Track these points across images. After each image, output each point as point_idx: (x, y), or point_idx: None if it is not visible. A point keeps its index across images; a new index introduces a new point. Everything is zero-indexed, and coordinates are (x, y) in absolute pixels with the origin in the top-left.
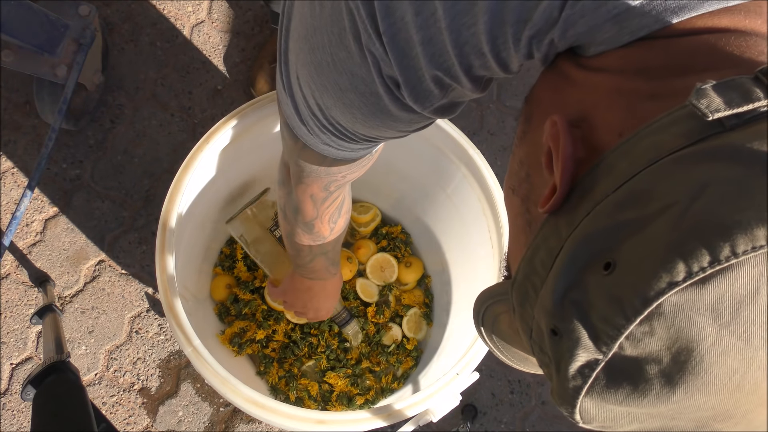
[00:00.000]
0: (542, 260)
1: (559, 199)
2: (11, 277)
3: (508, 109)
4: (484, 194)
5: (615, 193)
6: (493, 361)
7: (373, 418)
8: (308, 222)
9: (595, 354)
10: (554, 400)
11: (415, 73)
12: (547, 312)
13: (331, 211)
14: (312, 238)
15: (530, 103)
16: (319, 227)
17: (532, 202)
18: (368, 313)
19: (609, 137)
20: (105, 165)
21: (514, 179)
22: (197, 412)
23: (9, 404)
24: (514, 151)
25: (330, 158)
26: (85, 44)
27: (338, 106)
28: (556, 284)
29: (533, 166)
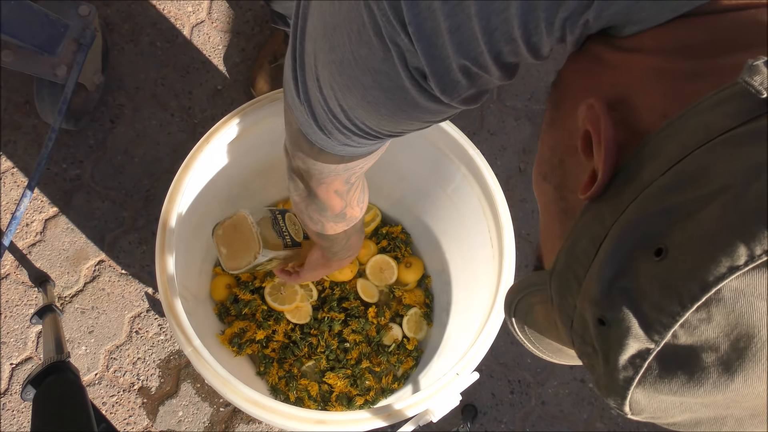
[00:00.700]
0: (585, 248)
1: (602, 184)
2: (11, 277)
3: (508, 109)
4: (484, 194)
5: (663, 176)
6: (493, 361)
7: (373, 418)
8: (338, 213)
9: (647, 343)
10: (600, 392)
11: (442, 63)
12: (594, 301)
13: (357, 196)
14: (346, 223)
15: (559, 89)
16: (350, 213)
17: (568, 189)
18: (369, 314)
19: (652, 119)
20: (105, 165)
21: (546, 166)
22: (197, 412)
23: (9, 404)
24: (543, 137)
25: (346, 156)
26: (85, 44)
27: (362, 105)
28: (602, 272)
29: (566, 152)
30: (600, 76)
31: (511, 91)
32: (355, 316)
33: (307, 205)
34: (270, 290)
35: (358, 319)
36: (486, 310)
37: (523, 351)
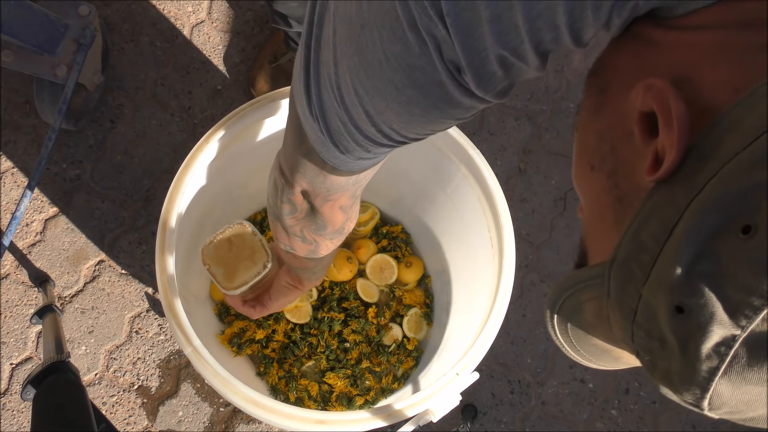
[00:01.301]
0: (653, 234)
1: (674, 163)
2: (11, 277)
3: (508, 109)
4: (484, 194)
5: (746, 150)
6: (493, 361)
7: (373, 418)
8: (338, 228)
9: (732, 329)
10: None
11: (479, 54)
12: (669, 288)
13: (356, 209)
14: (341, 238)
15: (603, 75)
16: (348, 226)
17: (622, 176)
18: (369, 314)
19: (721, 95)
20: (105, 165)
21: (594, 155)
22: (197, 412)
23: (9, 404)
24: (585, 127)
25: (360, 169)
26: (85, 44)
27: (393, 107)
28: (678, 257)
29: (619, 137)
30: (653, 57)
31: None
32: (355, 316)
33: (303, 227)
34: None
35: (358, 319)
36: (486, 310)
37: (523, 351)
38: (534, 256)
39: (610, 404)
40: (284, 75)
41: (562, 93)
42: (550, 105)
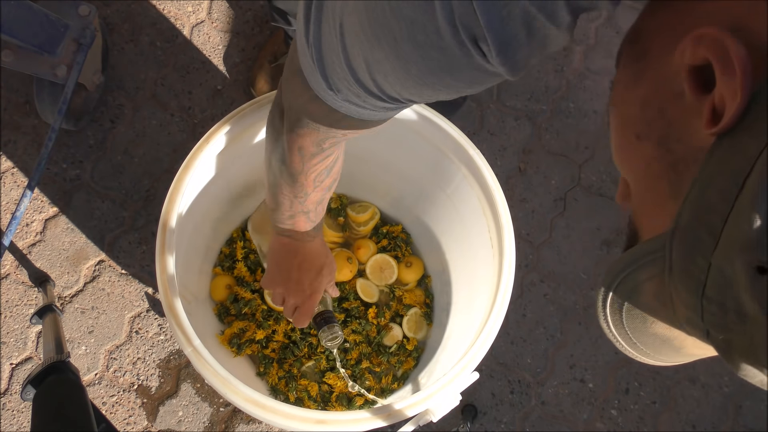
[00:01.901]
0: (721, 191)
1: (739, 111)
2: (11, 277)
3: (508, 109)
4: (484, 194)
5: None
6: (493, 361)
7: (373, 418)
8: (293, 174)
9: None
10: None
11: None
12: (746, 248)
13: (319, 170)
14: (294, 191)
15: (641, 40)
16: (303, 182)
17: (674, 140)
18: (369, 314)
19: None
20: (105, 165)
21: (639, 124)
22: (197, 412)
23: (9, 404)
24: (624, 98)
25: (340, 114)
26: (85, 44)
27: (391, 59)
28: (756, 209)
29: (666, 100)
30: (697, 12)
31: (511, 91)
32: (355, 316)
33: (272, 149)
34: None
35: (359, 319)
36: (486, 310)
37: (523, 351)
38: (534, 256)
39: (610, 404)
40: None
41: (562, 93)
42: (550, 105)
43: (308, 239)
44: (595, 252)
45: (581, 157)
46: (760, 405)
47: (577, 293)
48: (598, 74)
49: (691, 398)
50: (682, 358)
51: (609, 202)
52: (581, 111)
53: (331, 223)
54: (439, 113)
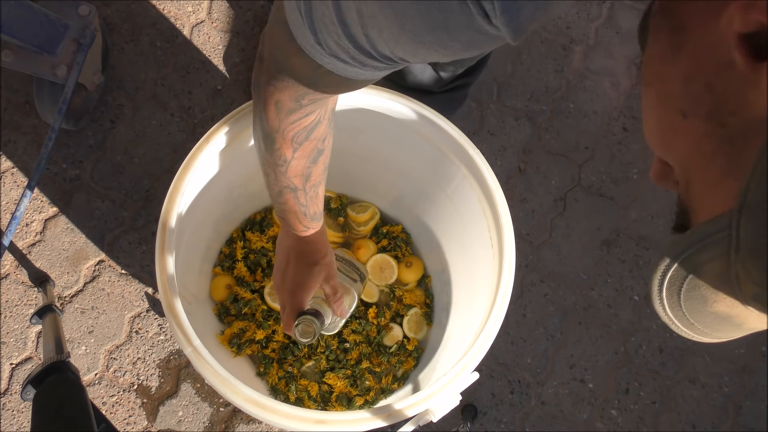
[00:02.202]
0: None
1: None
2: (11, 277)
3: (508, 109)
4: (484, 194)
5: None
6: (493, 361)
7: (373, 418)
8: (270, 134)
9: None
10: None
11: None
12: None
13: (296, 129)
14: (273, 157)
15: (674, 12)
16: (280, 143)
17: (728, 113)
18: (369, 314)
19: None
20: (105, 165)
21: (685, 101)
22: (197, 412)
23: (9, 404)
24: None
25: (325, 69)
26: (85, 44)
27: (386, 13)
28: None
29: (713, 73)
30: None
31: (511, 91)
32: (355, 316)
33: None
34: (270, 290)
35: (359, 319)
36: (486, 310)
37: (523, 351)
38: (534, 256)
39: (610, 404)
40: None
41: (562, 93)
42: (550, 105)
43: (302, 229)
44: (595, 252)
45: (581, 157)
46: (760, 405)
47: (577, 293)
48: (598, 74)
49: (691, 398)
50: (742, 332)
51: (609, 202)
52: (581, 111)
53: (331, 223)
54: (439, 113)
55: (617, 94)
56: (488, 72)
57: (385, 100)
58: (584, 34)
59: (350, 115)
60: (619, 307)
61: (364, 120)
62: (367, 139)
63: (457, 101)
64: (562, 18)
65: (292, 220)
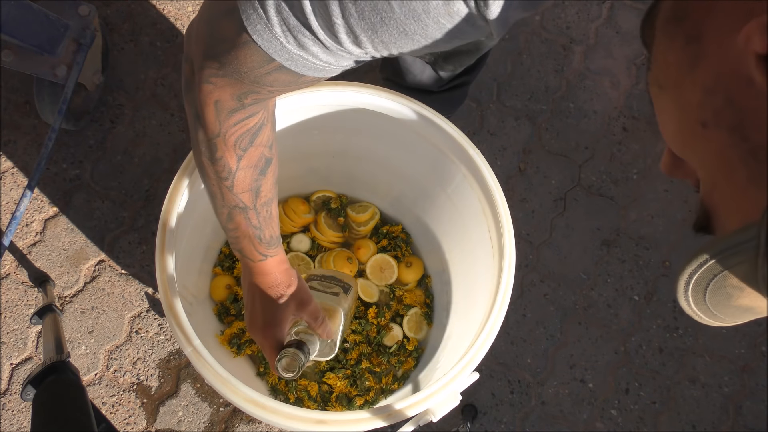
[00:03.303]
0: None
1: None
2: (11, 277)
3: (508, 109)
4: (484, 194)
5: None
6: (493, 361)
7: (373, 418)
8: (210, 139)
9: None
10: None
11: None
12: None
13: (239, 133)
14: (215, 168)
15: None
16: (222, 150)
17: (751, 129)
18: (369, 314)
19: None
20: (105, 165)
21: (704, 111)
22: (197, 412)
23: (9, 404)
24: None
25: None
26: (85, 44)
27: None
28: None
29: (734, 88)
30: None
31: (511, 91)
32: (355, 316)
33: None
34: None
35: (359, 319)
36: (486, 310)
37: (523, 351)
38: (534, 256)
39: (610, 404)
40: None
41: (562, 93)
42: (550, 105)
43: (258, 258)
44: (595, 252)
45: (581, 157)
46: (760, 405)
47: (577, 293)
48: (598, 74)
49: (691, 398)
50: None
51: (609, 202)
52: (581, 111)
53: (331, 223)
54: (438, 113)
55: (617, 94)
56: (488, 72)
57: (385, 100)
58: (584, 34)
59: (350, 115)
60: (619, 307)
61: (364, 120)
62: (367, 139)
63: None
64: (562, 18)
65: (247, 247)
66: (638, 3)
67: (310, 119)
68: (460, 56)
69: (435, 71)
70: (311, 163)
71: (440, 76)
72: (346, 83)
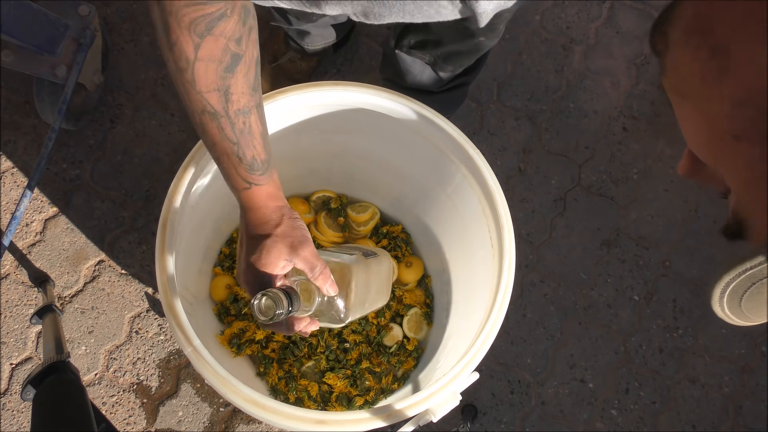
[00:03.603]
0: None
1: None
2: (11, 277)
3: (508, 109)
4: (484, 194)
5: None
6: (493, 361)
7: (373, 418)
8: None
9: None
10: None
11: None
12: None
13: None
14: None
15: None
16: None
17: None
18: (369, 314)
19: None
20: (105, 165)
21: (737, 124)
22: (197, 412)
23: (9, 404)
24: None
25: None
26: (85, 44)
27: None
28: None
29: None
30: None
31: (511, 91)
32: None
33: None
34: None
35: (359, 319)
36: (486, 310)
37: (523, 351)
38: (534, 256)
39: (610, 404)
40: (284, 75)
41: (562, 93)
42: (550, 105)
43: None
44: (595, 252)
45: (581, 157)
46: (760, 405)
47: (577, 293)
48: (598, 74)
49: (691, 398)
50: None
51: (609, 202)
52: (581, 111)
53: (331, 223)
54: (438, 113)
55: (617, 94)
56: (488, 72)
57: (385, 100)
58: (584, 34)
59: (350, 115)
60: (619, 307)
61: (364, 120)
62: (367, 139)
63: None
64: (562, 18)
65: (229, 170)
66: (638, 3)
67: (310, 119)
68: (459, 56)
69: (435, 72)
70: (311, 163)
71: (440, 77)
72: (346, 83)
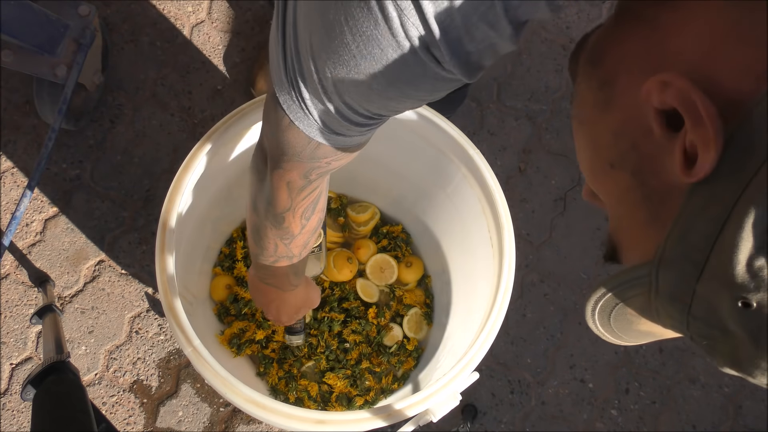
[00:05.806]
0: (703, 233)
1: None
2: (11, 277)
3: (508, 109)
4: (484, 194)
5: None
6: (493, 361)
7: (373, 418)
8: (279, 214)
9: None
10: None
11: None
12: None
13: (305, 205)
14: (280, 233)
15: (605, 65)
16: (289, 221)
17: (649, 174)
18: (369, 314)
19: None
20: (105, 165)
21: (612, 152)
22: (197, 412)
23: (9, 404)
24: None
25: (315, 142)
26: (85, 44)
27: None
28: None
29: (637, 134)
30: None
31: (511, 91)
32: (355, 316)
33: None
34: None
35: (359, 319)
36: (486, 310)
37: (523, 351)
38: (534, 256)
39: (610, 404)
40: None
41: (562, 93)
42: (550, 105)
43: (288, 287)
44: (595, 252)
45: None
46: (760, 405)
47: (577, 293)
48: None
49: (691, 398)
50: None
51: None
52: None
53: (331, 223)
54: (439, 113)
55: None
56: (488, 72)
57: None
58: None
59: None
60: None
61: None
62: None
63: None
64: (562, 18)
65: (282, 281)
66: None
67: None
68: None
69: None
70: None
71: None
72: None
